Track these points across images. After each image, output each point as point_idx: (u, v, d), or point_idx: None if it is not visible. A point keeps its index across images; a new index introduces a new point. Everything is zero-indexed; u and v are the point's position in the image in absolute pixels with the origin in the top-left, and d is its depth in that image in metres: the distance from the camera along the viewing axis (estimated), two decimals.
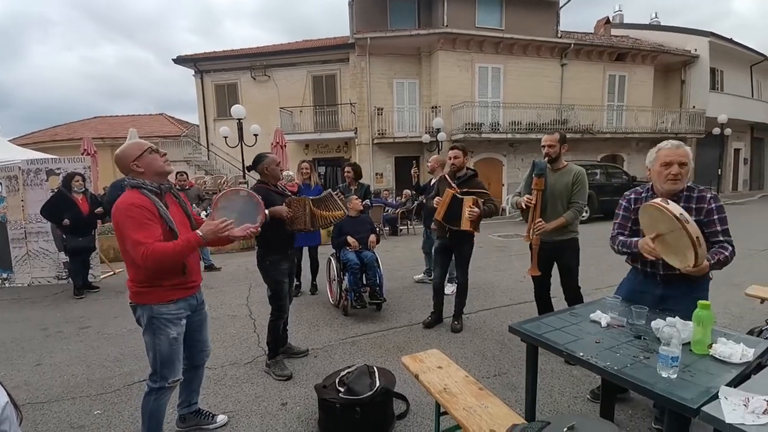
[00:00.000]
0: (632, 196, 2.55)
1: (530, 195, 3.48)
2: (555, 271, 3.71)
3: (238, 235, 2.50)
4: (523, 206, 3.54)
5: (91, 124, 20.74)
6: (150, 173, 2.26)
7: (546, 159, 3.55)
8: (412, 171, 6.20)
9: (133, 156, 2.23)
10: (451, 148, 4.31)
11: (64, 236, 6.21)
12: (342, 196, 3.85)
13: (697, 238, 1.96)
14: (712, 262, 2.13)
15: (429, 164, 6.23)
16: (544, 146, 3.56)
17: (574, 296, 3.58)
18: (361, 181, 5.95)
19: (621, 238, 2.53)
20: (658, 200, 2.08)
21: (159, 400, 2.36)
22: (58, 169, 6.99)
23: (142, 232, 2.08)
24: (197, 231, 2.24)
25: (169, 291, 2.28)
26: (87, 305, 5.82)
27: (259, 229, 2.65)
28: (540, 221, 3.40)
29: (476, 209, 3.90)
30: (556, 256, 3.61)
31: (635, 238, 2.41)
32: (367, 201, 5.68)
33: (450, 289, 5.35)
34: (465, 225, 3.94)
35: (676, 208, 2.00)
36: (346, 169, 5.99)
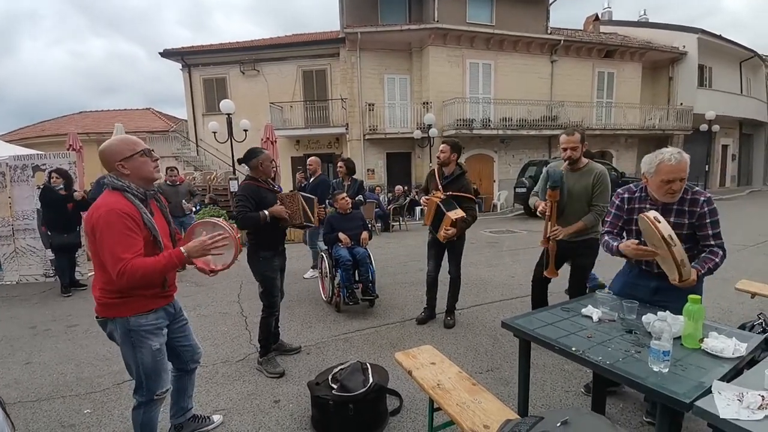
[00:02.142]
0: (626, 195, 2.54)
1: (546, 202, 3.36)
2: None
3: (217, 268, 2.28)
4: (539, 210, 3.45)
5: (77, 119, 20.43)
6: (135, 177, 2.07)
7: (567, 162, 3.37)
8: (297, 175, 6.19)
9: (121, 155, 2.04)
10: (442, 142, 4.28)
11: (49, 233, 6.13)
12: (321, 207, 4.01)
13: (682, 260, 2.03)
14: (702, 272, 2.19)
15: (309, 166, 6.27)
16: (565, 149, 3.31)
17: (579, 294, 3.44)
18: (354, 176, 5.92)
19: (606, 237, 2.58)
20: (651, 215, 2.10)
21: (149, 413, 2.23)
22: (44, 165, 6.88)
23: (121, 246, 1.89)
24: (180, 248, 2.05)
25: (145, 300, 2.08)
26: (74, 303, 5.75)
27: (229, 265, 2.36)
28: (556, 229, 3.31)
29: (451, 230, 3.95)
30: (571, 254, 3.52)
31: (616, 243, 2.45)
32: (360, 197, 5.65)
33: (309, 273, 6.36)
34: (439, 237, 4.06)
35: (665, 229, 2.03)
36: (339, 164, 5.95)
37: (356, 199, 5.50)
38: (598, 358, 1.80)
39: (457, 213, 3.93)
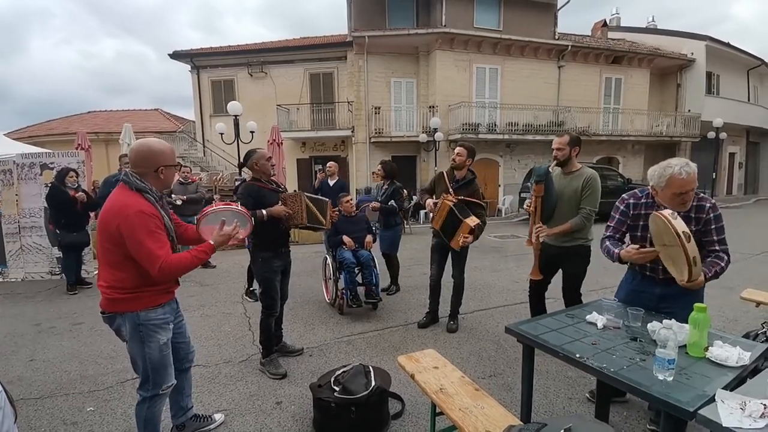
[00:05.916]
0: (631, 200, 2.55)
1: (531, 199, 3.39)
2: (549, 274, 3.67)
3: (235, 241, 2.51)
4: (525, 207, 3.49)
5: (85, 119, 20.54)
6: (161, 183, 2.19)
7: (555, 162, 3.43)
8: (318, 174, 6.16)
9: (166, 162, 2.17)
10: (459, 145, 4.24)
11: (57, 231, 6.17)
12: (334, 209, 3.90)
13: (694, 258, 2.03)
14: (709, 275, 2.20)
15: (329, 168, 6.28)
16: (553, 149, 3.43)
17: (573, 304, 3.44)
18: (392, 180, 5.81)
19: (607, 243, 2.59)
20: (667, 213, 2.11)
21: (153, 408, 2.27)
22: (51, 163, 6.94)
23: (157, 243, 2.02)
24: (210, 241, 2.22)
25: (154, 296, 2.16)
26: (80, 301, 5.78)
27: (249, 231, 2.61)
28: (539, 226, 3.30)
29: (470, 238, 3.90)
30: (561, 261, 3.48)
31: (617, 249, 2.47)
32: (393, 202, 5.59)
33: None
34: (454, 245, 3.99)
35: (680, 225, 2.04)
36: (378, 167, 5.92)
37: (389, 204, 5.48)
38: (602, 365, 1.80)
39: (473, 219, 3.88)
